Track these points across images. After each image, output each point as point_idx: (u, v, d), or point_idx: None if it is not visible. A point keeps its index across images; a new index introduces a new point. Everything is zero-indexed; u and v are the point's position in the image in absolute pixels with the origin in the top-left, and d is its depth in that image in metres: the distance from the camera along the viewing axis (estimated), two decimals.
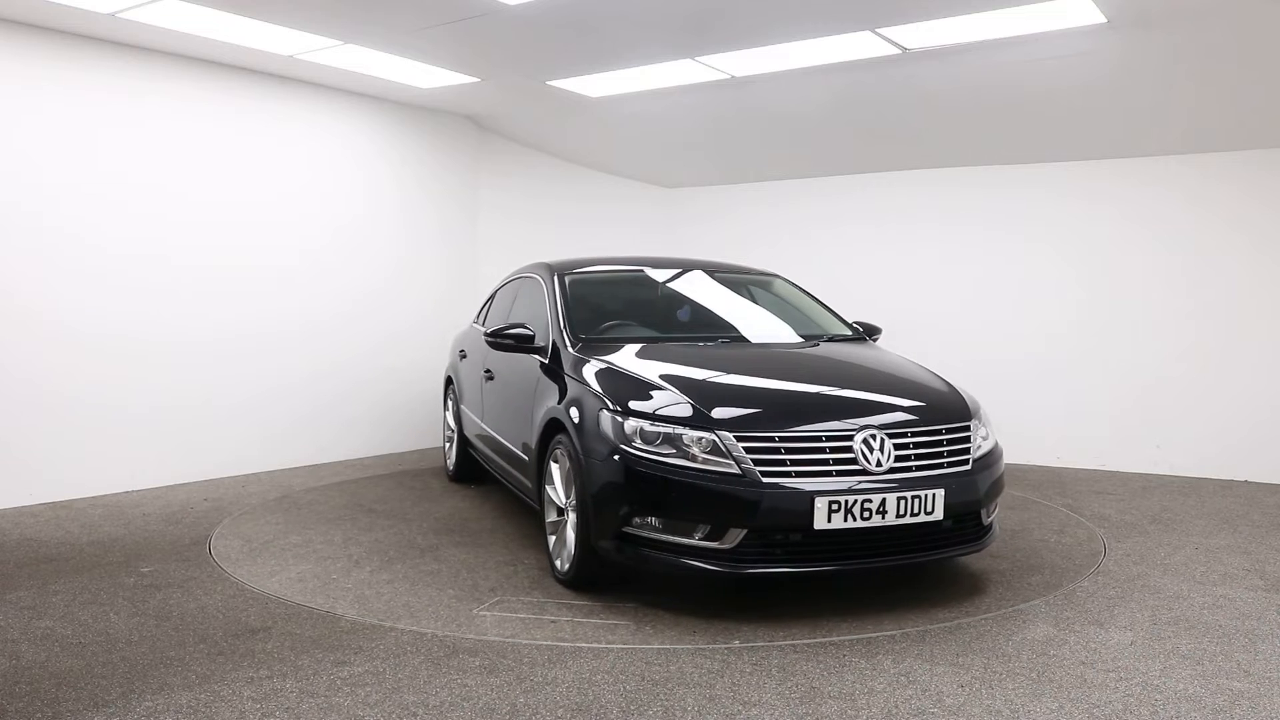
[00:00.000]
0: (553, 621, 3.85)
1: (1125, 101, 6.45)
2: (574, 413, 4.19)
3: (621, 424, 3.92)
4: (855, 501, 3.69)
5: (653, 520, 3.81)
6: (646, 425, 3.87)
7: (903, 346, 8.03)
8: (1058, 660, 3.44)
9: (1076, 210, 7.50)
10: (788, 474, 3.73)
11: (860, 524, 3.71)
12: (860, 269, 8.36)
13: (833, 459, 3.78)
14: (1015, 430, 7.74)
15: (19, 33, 5.78)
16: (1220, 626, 3.81)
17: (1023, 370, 7.70)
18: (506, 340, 4.90)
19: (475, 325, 6.64)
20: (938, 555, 4.01)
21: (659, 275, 5.58)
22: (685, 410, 3.89)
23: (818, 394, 4.22)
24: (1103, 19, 5.24)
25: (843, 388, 4.26)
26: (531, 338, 4.90)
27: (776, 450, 3.76)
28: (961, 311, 7.96)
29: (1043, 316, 7.63)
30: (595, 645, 3.57)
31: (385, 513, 5.84)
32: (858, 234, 8.44)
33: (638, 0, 5.23)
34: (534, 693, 3.14)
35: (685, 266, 5.72)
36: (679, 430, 3.82)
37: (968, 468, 4.03)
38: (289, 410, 7.27)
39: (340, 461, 7.56)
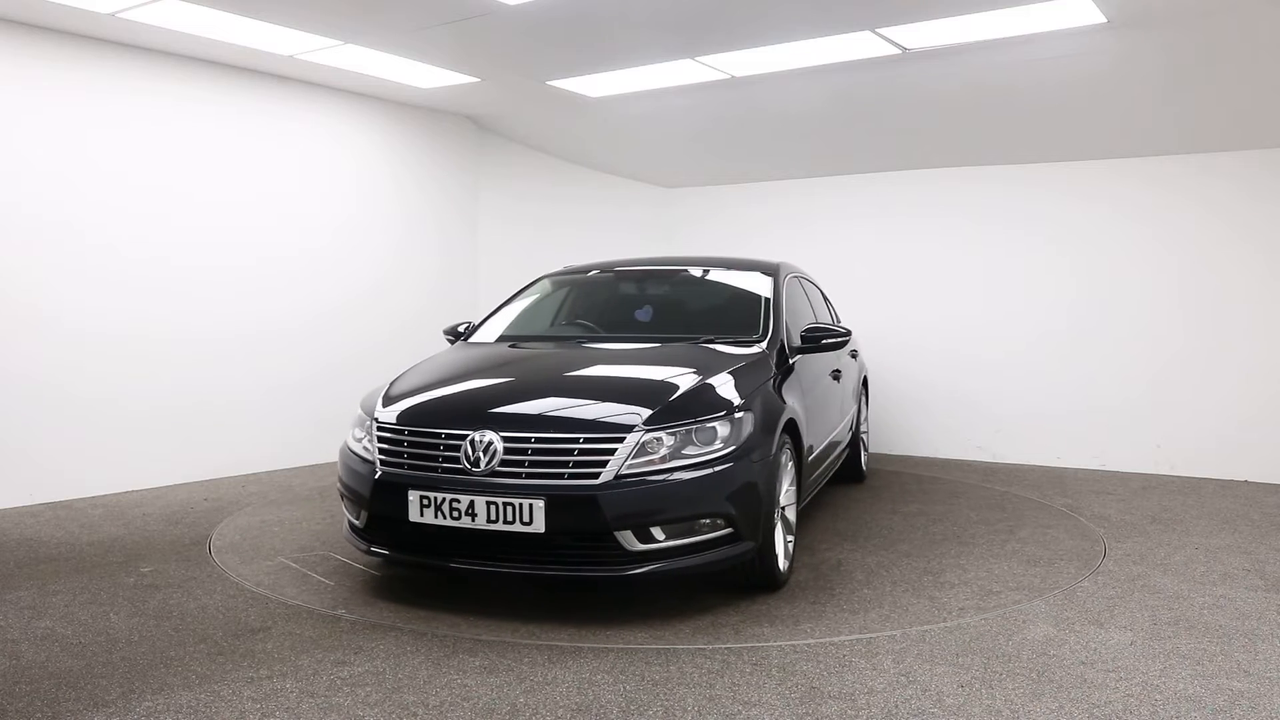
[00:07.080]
0: (292, 573, 4.49)
1: (1125, 101, 6.45)
2: None
3: (358, 413, 4.45)
4: (444, 500, 3.78)
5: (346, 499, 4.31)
6: (360, 412, 4.41)
7: (902, 346, 8.06)
8: (1058, 660, 3.44)
9: (1076, 210, 7.49)
10: (400, 465, 3.98)
11: (451, 523, 3.78)
12: (860, 269, 8.35)
13: (443, 456, 3.90)
14: (1016, 429, 7.75)
15: (19, 33, 5.78)
16: (1220, 626, 3.81)
17: (1023, 369, 7.70)
18: (451, 335, 5.48)
19: None
20: (551, 572, 3.76)
21: (635, 275, 5.67)
22: (374, 402, 4.36)
23: (501, 394, 4.28)
24: (1103, 19, 5.25)
25: (545, 389, 4.22)
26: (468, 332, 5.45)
27: (400, 443, 4.04)
28: (961, 311, 7.96)
29: (1042, 316, 7.63)
30: (594, 645, 3.58)
31: None
32: (858, 234, 8.44)
33: (638, 0, 5.23)
34: (534, 693, 3.14)
35: (685, 265, 5.70)
36: (362, 417, 4.32)
37: (594, 482, 3.69)
38: (290, 410, 7.27)
39: None
